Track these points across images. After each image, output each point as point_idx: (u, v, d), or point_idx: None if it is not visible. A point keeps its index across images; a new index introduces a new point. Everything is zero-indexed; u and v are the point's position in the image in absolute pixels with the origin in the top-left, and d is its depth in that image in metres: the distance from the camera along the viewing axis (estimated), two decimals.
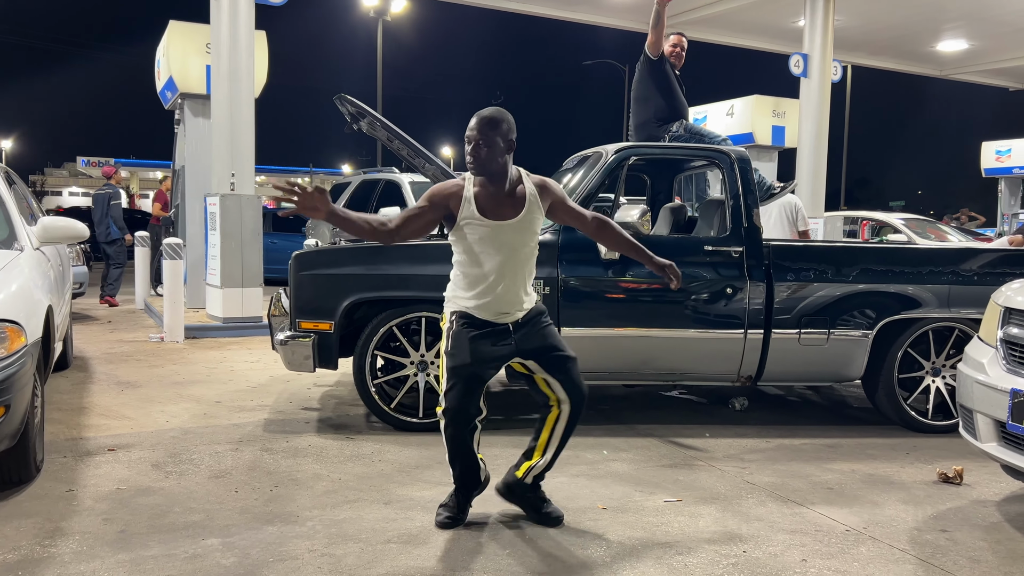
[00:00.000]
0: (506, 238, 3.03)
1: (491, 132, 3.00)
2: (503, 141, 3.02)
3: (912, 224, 12.10)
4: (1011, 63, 15.85)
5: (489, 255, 3.04)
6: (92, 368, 6.29)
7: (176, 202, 10.69)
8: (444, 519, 3.19)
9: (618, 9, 12.93)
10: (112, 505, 3.34)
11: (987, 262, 4.94)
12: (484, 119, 3.02)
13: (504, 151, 3.03)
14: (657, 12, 5.73)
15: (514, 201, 3.06)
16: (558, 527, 3.21)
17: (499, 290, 3.05)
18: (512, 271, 3.06)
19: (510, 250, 3.04)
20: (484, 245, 3.03)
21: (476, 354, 3.04)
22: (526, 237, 3.08)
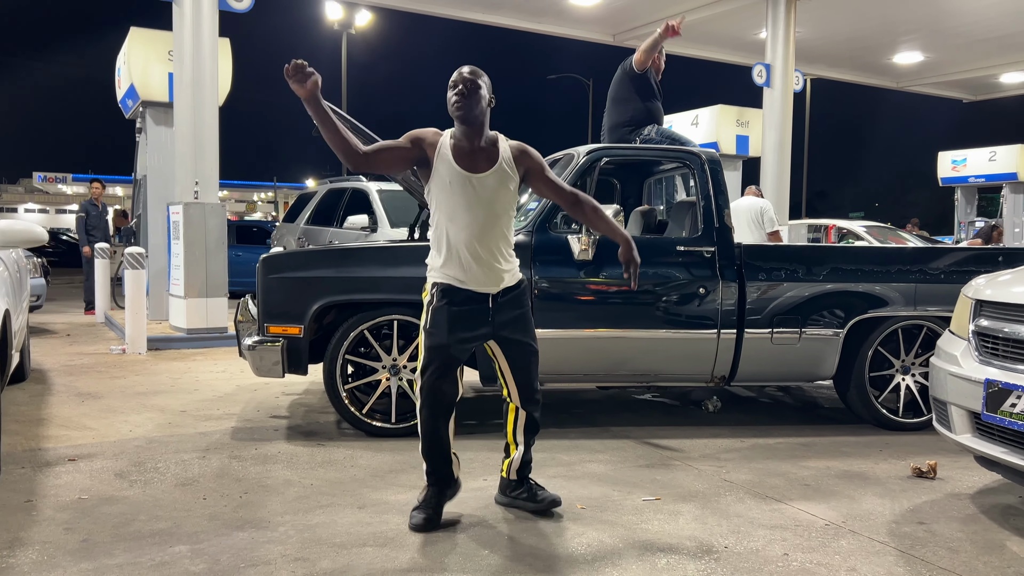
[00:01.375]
0: (479, 192, 3.02)
1: (477, 80, 3.04)
2: (487, 93, 3.06)
3: (874, 232, 12.32)
4: (965, 75, 16.28)
5: (462, 209, 3.01)
6: (51, 380, 6.10)
7: (138, 212, 10.48)
8: (419, 521, 3.11)
9: (583, 20, 13.03)
10: (74, 515, 3.21)
11: (951, 261, 5.01)
12: (471, 69, 3.07)
13: (486, 103, 3.06)
14: (656, 41, 5.73)
15: (488, 156, 3.07)
16: (555, 509, 3.28)
17: (474, 249, 3.02)
18: (487, 228, 3.03)
19: (484, 205, 3.02)
20: (457, 197, 3.01)
21: (454, 333, 3.04)
22: (500, 194, 3.05)
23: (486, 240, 3.04)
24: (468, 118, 3.03)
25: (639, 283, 4.62)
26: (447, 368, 3.05)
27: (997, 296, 3.32)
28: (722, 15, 12.15)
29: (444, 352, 3.03)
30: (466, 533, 3.10)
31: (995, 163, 17.10)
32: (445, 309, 3.04)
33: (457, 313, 3.04)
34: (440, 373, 3.04)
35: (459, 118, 3.04)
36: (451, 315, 3.03)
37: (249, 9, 8.46)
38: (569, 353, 4.63)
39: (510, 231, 3.15)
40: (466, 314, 3.05)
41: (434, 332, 3.05)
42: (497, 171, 3.05)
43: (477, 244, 3.03)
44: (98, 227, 10.93)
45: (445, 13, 12.77)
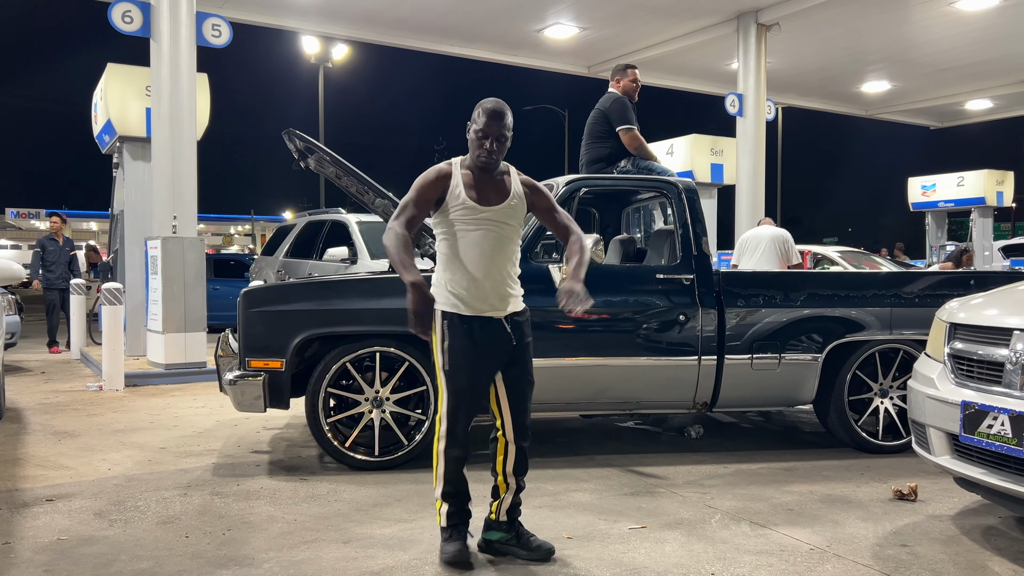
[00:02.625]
0: (492, 223, 3.05)
1: (510, 127, 3.09)
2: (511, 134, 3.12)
3: (848, 257, 12.50)
4: (931, 103, 16.68)
5: (476, 238, 3.04)
6: (26, 419, 6.00)
7: (115, 247, 10.41)
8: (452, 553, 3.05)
9: (559, 53, 13.23)
10: (53, 556, 3.15)
11: (924, 285, 5.11)
12: (506, 114, 3.08)
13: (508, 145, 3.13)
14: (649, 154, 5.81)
15: (499, 188, 3.11)
16: (550, 561, 3.12)
17: (487, 274, 3.04)
18: (499, 257, 3.06)
19: (496, 236, 3.05)
20: (471, 228, 3.04)
21: (475, 373, 3.04)
22: (511, 225, 3.09)
23: (499, 264, 3.06)
24: (498, 163, 3.12)
25: (622, 311, 4.69)
26: (471, 410, 3.08)
27: (970, 319, 3.39)
28: (695, 46, 12.40)
29: (467, 393, 3.05)
30: (457, 568, 3.07)
31: (963, 188, 17.46)
32: (461, 345, 3.01)
33: (474, 345, 3.02)
34: (466, 415, 3.06)
35: (485, 167, 3.10)
36: (469, 351, 3.02)
37: (227, 45, 8.51)
38: (552, 382, 4.63)
39: (518, 258, 3.17)
40: (483, 340, 3.03)
41: (454, 375, 3.03)
42: (509, 203, 3.09)
43: (491, 269, 3.05)
44: (57, 263, 10.69)
45: (422, 47, 12.92)
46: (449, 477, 3.09)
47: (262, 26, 11.79)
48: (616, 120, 5.78)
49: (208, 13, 8.44)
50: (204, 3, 8.82)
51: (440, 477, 3.09)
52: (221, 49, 8.55)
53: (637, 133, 5.76)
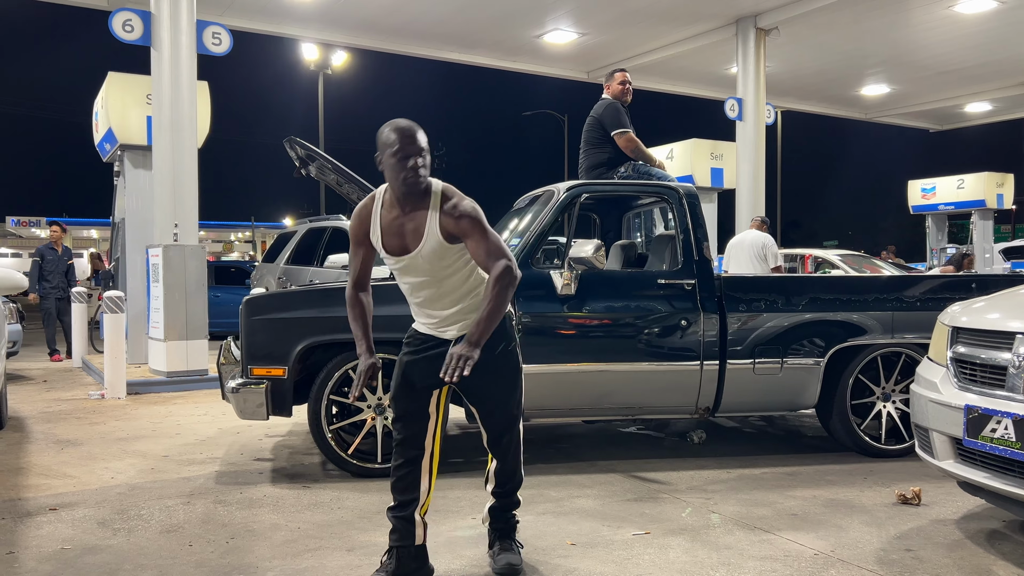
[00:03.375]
0: (415, 271, 2.86)
1: (427, 145, 2.79)
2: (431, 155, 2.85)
3: (849, 260, 12.50)
4: (931, 106, 16.71)
5: (407, 284, 2.94)
6: (28, 428, 6.00)
7: (116, 255, 10.41)
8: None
9: (558, 58, 13.26)
10: (57, 566, 3.15)
11: (926, 289, 5.11)
12: (419, 132, 2.77)
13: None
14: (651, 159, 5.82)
15: (417, 227, 2.80)
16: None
17: (428, 308, 2.93)
18: (435, 291, 2.89)
19: (426, 279, 2.87)
20: (400, 275, 2.93)
21: (403, 384, 2.95)
22: (439, 264, 2.83)
23: (437, 295, 2.90)
24: (421, 187, 2.78)
25: (624, 316, 4.69)
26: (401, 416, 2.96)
27: (973, 323, 3.39)
28: (694, 51, 12.43)
29: (397, 406, 2.96)
30: (455, 571, 3.07)
31: (963, 191, 17.47)
32: (400, 361, 2.99)
33: (412, 361, 2.96)
34: (398, 422, 2.96)
35: (416, 191, 2.78)
36: (407, 364, 2.96)
37: (227, 53, 8.53)
38: (554, 388, 4.64)
39: (469, 279, 2.91)
40: (424, 359, 2.94)
41: (393, 384, 2.99)
42: (425, 246, 2.80)
43: (431, 301, 2.91)
44: (54, 272, 10.70)
45: (422, 53, 12.95)
46: (392, 486, 2.95)
47: (262, 34, 11.82)
48: (610, 125, 5.81)
49: (208, 21, 8.46)
50: (204, 11, 8.85)
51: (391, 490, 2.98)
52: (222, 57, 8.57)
53: (632, 135, 5.78)
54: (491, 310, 2.74)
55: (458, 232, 2.79)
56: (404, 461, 2.94)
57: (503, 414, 3.01)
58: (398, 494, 2.94)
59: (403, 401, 2.95)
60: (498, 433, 3.03)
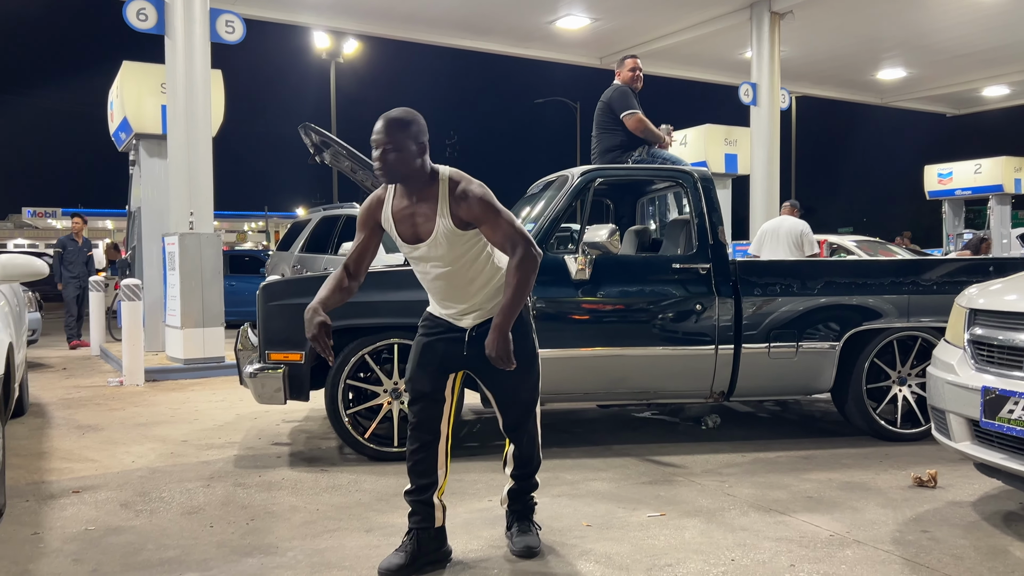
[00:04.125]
0: (429, 259, 2.85)
1: (399, 134, 2.73)
2: (414, 144, 2.75)
3: (865, 246, 12.43)
4: (947, 90, 16.51)
5: (422, 272, 2.94)
6: (50, 414, 6.08)
7: (132, 244, 10.50)
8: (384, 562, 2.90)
9: (571, 44, 13.20)
10: (81, 546, 3.21)
11: (942, 273, 5.08)
12: (391, 120, 2.75)
13: (416, 155, 2.76)
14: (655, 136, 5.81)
15: (428, 215, 2.80)
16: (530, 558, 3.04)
17: (443, 295, 2.93)
18: (451, 280, 2.87)
19: (441, 267, 2.86)
20: (414, 264, 2.93)
21: (419, 364, 2.96)
22: (453, 253, 2.82)
23: (455, 285, 2.88)
24: (397, 179, 2.79)
25: (638, 301, 4.70)
26: (417, 398, 2.96)
27: (990, 305, 3.38)
28: (708, 36, 12.33)
29: (411, 387, 2.98)
30: (477, 553, 3.11)
31: (981, 175, 17.31)
32: (416, 343, 3.01)
33: (429, 342, 2.96)
34: (414, 404, 2.97)
35: (389, 181, 2.81)
36: (423, 345, 2.97)
37: (240, 41, 8.55)
38: (568, 372, 4.66)
39: (486, 267, 2.89)
40: (440, 341, 2.95)
41: (408, 366, 3.01)
42: (437, 234, 2.79)
43: (445, 290, 2.90)
44: (75, 262, 10.88)
45: (433, 41, 12.92)
46: (409, 470, 2.97)
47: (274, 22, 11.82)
48: (619, 108, 5.83)
49: (221, 10, 8.48)
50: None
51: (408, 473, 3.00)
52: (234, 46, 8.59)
53: (640, 116, 5.78)
54: (514, 296, 2.76)
55: (470, 217, 2.77)
56: (419, 446, 2.96)
57: (518, 400, 3.02)
58: (415, 478, 2.97)
59: (419, 383, 2.96)
60: (514, 418, 3.05)
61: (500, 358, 2.77)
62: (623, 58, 6.14)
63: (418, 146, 2.77)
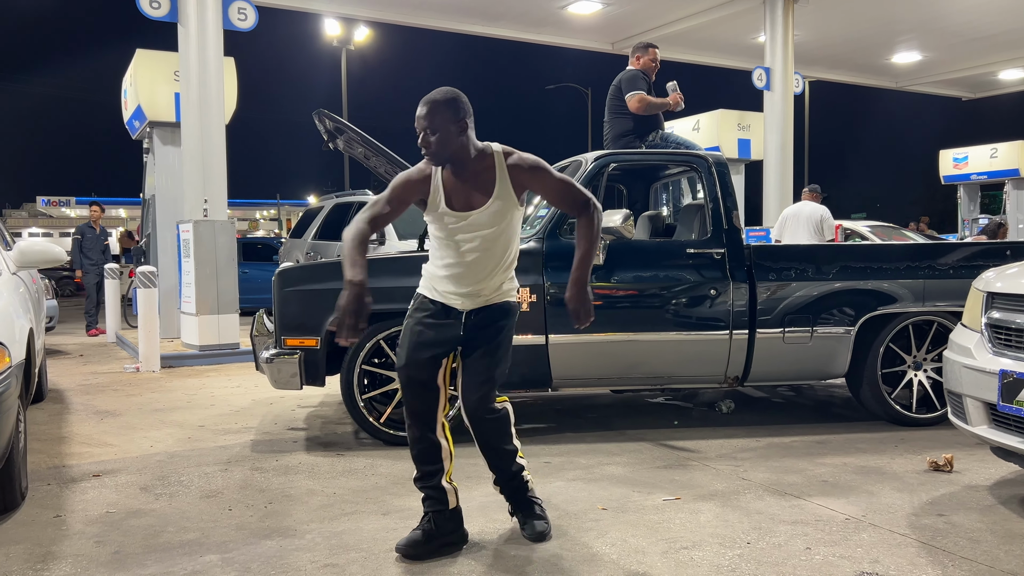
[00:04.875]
0: (476, 226, 2.86)
1: (439, 117, 2.79)
2: (454, 125, 2.81)
3: (879, 231, 12.35)
4: (963, 73, 16.34)
5: (457, 242, 2.89)
6: (68, 399, 6.15)
7: (147, 231, 10.57)
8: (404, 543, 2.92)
9: (582, 29, 13.13)
10: (103, 528, 3.25)
11: (958, 257, 5.05)
12: (430, 103, 2.82)
13: (457, 134, 2.81)
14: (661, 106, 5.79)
15: (483, 186, 2.86)
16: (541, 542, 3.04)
17: (468, 276, 2.90)
18: (483, 257, 2.89)
19: (482, 239, 2.87)
20: (455, 235, 2.88)
21: (411, 348, 2.91)
22: (500, 225, 2.88)
23: (485, 265, 2.90)
24: (443, 160, 2.85)
25: (652, 286, 4.70)
26: (411, 383, 2.92)
27: (1008, 288, 3.36)
28: (720, 20, 12.24)
29: (402, 369, 2.94)
30: (490, 535, 3.13)
31: (997, 160, 17.14)
32: (408, 325, 2.96)
33: (423, 327, 2.93)
34: (407, 388, 2.93)
35: (434, 162, 2.87)
36: (411, 330, 2.94)
37: (252, 28, 8.56)
38: (582, 358, 4.67)
39: (510, 248, 2.95)
40: (434, 325, 2.92)
41: (399, 351, 2.97)
42: (493, 203, 2.86)
43: (478, 270, 2.90)
44: (93, 249, 11.00)
45: (444, 27, 12.88)
46: (414, 458, 2.98)
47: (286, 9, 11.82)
48: (625, 89, 5.81)
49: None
50: None
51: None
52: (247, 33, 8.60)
53: (643, 95, 5.75)
54: (591, 248, 2.92)
55: (532, 182, 2.90)
56: (419, 435, 2.95)
57: (490, 377, 2.94)
58: (421, 465, 2.98)
59: (413, 369, 2.90)
60: (480, 395, 2.93)
61: (581, 310, 2.88)
62: (645, 44, 6.06)
63: (459, 125, 2.83)
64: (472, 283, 2.93)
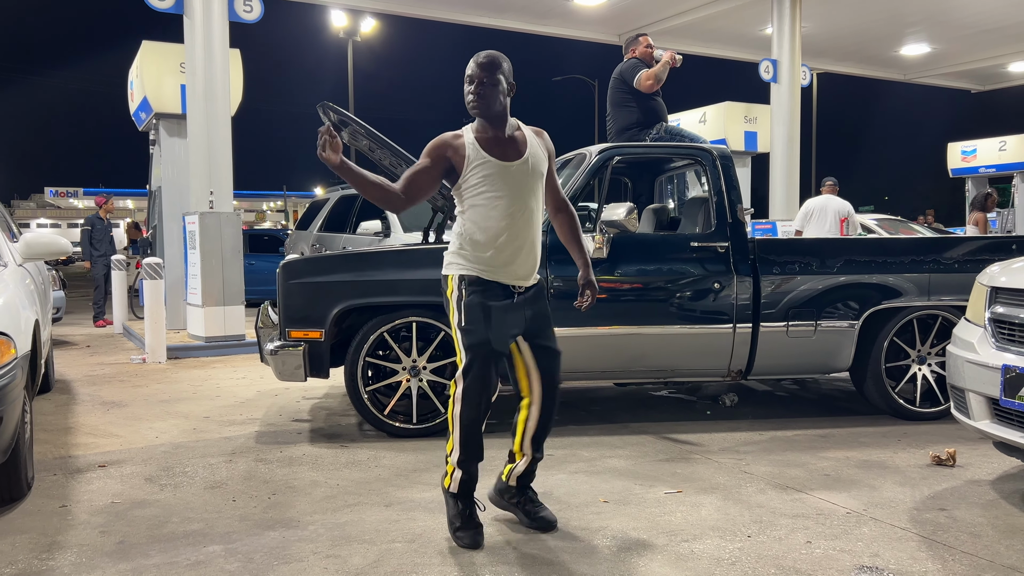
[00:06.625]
0: (516, 180, 2.90)
1: (495, 72, 2.90)
2: (506, 82, 2.93)
3: (886, 225, 12.31)
4: (972, 65, 16.24)
5: (500, 200, 2.88)
6: (75, 390, 6.19)
7: (153, 223, 10.60)
8: (475, 540, 2.95)
9: (588, 21, 13.09)
10: (108, 518, 3.28)
11: (963, 251, 5.03)
12: (489, 58, 2.92)
13: (506, 92, 2.94)
14: (662, 70, 5.78)
15: (515, 143, 2.96)
16: (551, 531, 3.08)
17: (513, 241, 2.90)
18: (525, 219, 2.92)
19: (521, 194, 2.91)
20: (494, 189, 2.88)
21: (495, 328, 2.88)
22: (535, 179, 2.96)
23: (526, 227, 2.93)
24: (490, 113, 2.92)
25: (656, 279, 4.70)
26: (490, 368, 2.91)
27: (1012, 283, 3.35)
28: (727, 12, 12.19)
29: (486, 348, 2.88)
30: (491, 528, 3.15)
31: (1005, 152, 17.04)
32: (479, 301, 2.89)
33: (494, 305, 2.90)
34: (484, 372, 2.89)
35: (478, 115, 2.93)
36: (488, 307, 2.89)
37: (258, 20, 8.55)
38: (586, 351, 4.67)
39: (540, 219, 3.03)
40: (502, 303, 2.92)
41: (472, 329, 2.88)
42: (530, 157, 2.95)
43: (518, 232, 2.91)
44: (102, 240, 11.07)
45: (450, 18, 12.86)
46: (464, 442, 2.95)
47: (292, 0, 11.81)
48: (630, 77, 5.82)
49: None
50: None
51: (456, 443, 2.96)
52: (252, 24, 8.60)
53: (647, 71, 5.79)
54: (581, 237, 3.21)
55: (546, 146, 3.07)
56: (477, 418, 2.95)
57: (558, 355, 3.13)
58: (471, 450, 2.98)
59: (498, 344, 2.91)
60: (556, 371, 3.11)
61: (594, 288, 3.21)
62: (635, 36, 6.10)
63: (509, 85, 2.96)
64: (521, 246, 2.93)
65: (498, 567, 2.78)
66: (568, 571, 2.75)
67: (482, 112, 2.92)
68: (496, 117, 2.94)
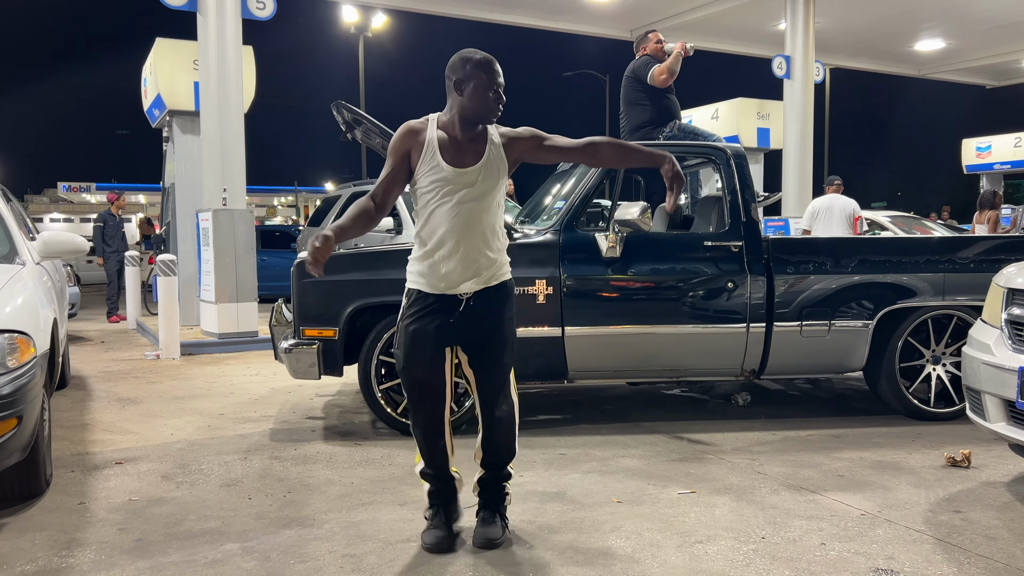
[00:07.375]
0: (463, 188, 2.81)
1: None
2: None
3: (899, 222, 12.23)
4: (987, 61, 16.10)
5: (444, 206, 2.81)
6: (90, 386, 6.24)
7: (167, 220, 10.66)
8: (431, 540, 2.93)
9: (600, 17, 13.05)
10: (126, 515, 3.31)
11: (979, 251, 5.00)
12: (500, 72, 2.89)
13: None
14: (674, 61, 5.77)
15: (475, 149, 2.86)
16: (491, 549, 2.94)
17: (457, 250, 2.82)
18: (471, 227, 2.82)
19: (467, 202, 2.81)
20: (443, 195, 2.81)
21: (416, 352, 2.86)
22: (485, 188, 2.84)
23: (474, 237, 2.83)
24: (490, 121, 2.90)
25: (669, 278, 4.70)
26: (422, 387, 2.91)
27: None
28: (741, 7, 12.13)
29: (408, 373, 2.90)
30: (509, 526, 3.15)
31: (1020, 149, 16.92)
32: (404, 327, 2.90)
33: (420, 327, 2.86)
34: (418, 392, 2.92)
35: (490, 117, 2.87)
36: (414, 331, 2.86)
37: (271, 17, 8.58)
38: (599, 350, 4.68)
39: (500, 224, 2.93)
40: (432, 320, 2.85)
41: (399, 354, 2.92)
42: (484, 165, 2.84)
43: (458, 241, 2.81)
44: (114, 237, 11.14)
45: (462, 14, 12.84)
46: (424, 456, 2.98)
47: None
48: (643, 74, 5.82)
49: None
50: None
51: (419, 454, 3.01)
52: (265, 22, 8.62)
53: (659, 66, 5.80)
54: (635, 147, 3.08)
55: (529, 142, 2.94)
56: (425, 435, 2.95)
57: (502, 364, 2.95)
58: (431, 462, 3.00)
59: (415, 370, 2.88)
60: (496, 384, 2.95)
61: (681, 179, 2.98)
62: (645, 33, 6.11)
63: None
64: (464, 257, 2.82)
65: (510, 567, 2.79)
66: (583, 572, 2.76)
67: (493, 117, 2.88)
68: (488, 122, 2.90)
